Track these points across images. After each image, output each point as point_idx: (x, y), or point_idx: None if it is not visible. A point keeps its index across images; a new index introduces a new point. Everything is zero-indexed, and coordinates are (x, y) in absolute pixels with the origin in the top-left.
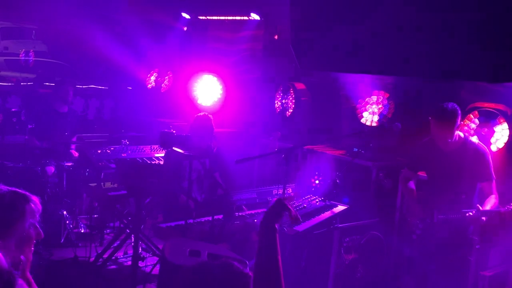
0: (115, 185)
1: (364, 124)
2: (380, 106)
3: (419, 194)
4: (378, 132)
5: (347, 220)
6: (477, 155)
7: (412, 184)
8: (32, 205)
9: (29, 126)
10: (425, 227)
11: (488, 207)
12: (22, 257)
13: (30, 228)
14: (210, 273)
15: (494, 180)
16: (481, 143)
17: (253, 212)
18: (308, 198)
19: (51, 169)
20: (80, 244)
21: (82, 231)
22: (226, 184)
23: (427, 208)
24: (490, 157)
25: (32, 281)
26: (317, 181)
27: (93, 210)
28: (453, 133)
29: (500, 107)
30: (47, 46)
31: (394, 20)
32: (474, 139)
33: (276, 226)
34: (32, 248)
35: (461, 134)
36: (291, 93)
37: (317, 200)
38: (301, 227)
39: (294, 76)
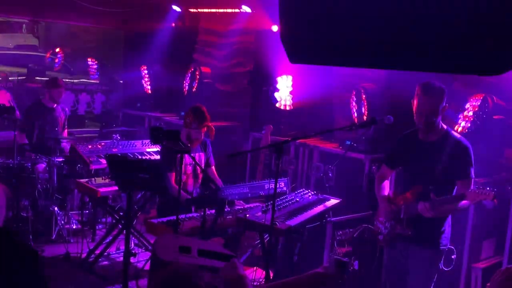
0: (107, 181)
1: (356, 117)
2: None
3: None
4: (370, 125)
5: (340, 214)
6: (457, 149)
7: (386, 184)
8: None
9: (18, 122)
10: (392, 226)
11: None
12: None
13: None
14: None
15: (472, 180)
16: (464, 138)
17: (245, 206)
18: (301, 192)
19: (42, 165)
20: (71, 240)
21: (74, 227)
22: (219, 178)
23: (396, 205)
24: (472, 154)
25: None
26: (310, 175)
27: (84, 206)
28: (437, 113)
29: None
30: (38, 40)
31: (385, 13)
32: (457, 133)
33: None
34: None
35: (444, 126)
36: (288, 86)
37: (309, 194)
38: (293, 222)
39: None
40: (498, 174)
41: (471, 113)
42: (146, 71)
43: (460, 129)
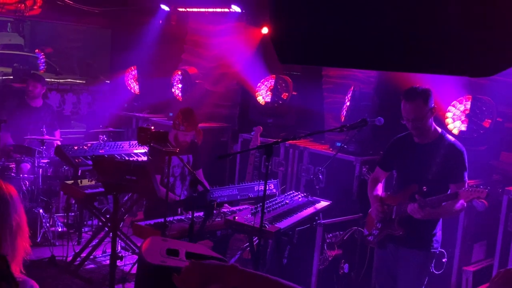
0: (93, 182)
1: (346, 119)
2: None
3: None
4: (361, 127)
5: (330, 216)
6: (452, 152)
7: (379, 187)
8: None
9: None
10: (383, 227)
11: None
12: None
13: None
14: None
15: (465, 184)
16: (459, 142)
17: (234, 209)
18: (291, 194)
19: (27, 166)
20: (57, 243)
21: (59, 229)
22: (207, 181)
23: (388, 206)
24: (466, 158)
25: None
26: (300, 177)
27: (70, 208)
28: (423, 117)
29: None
30: (23, 40)
31: (377, 12)
32: (451, 137)
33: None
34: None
35: (438, 129)
36: (284, 85)
37: (299, 196)
38: (283, 224)
39: (282, 69)
40: (489, 176)
41: (463, 117)
42: (133, 71)
43: (456, 131)
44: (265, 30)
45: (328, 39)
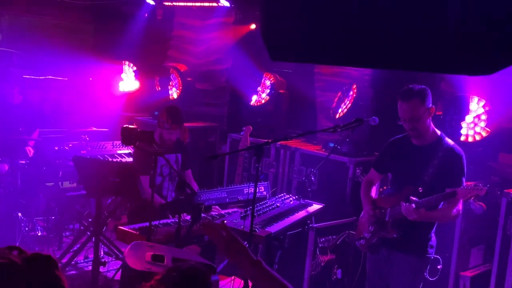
0: (74, 185)
1: (340, 118)
2: (349, 98)
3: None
4: (355, 127)
5: (323, 220)
6: (451, 156)
7: (373, 190)
8: None
9: None
10: (376, 230)
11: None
12: None
13: None
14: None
15: None
16: (458, 146)
17: (223, 212)
18: (282, 196)
19: (4, 167)
20: (36, 248)
21: (39, 234)
22: (196, 182)
23: (381, 209)
24: (464, 163)
25: None
26: (291, 179)
27: (50, 211)
28: (421, 117)
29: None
30: (1, 35)
31: (371, 8)
32: (450, 140)
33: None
34: None
35: (437, 131)
36: (269, 85)
37: (291, 199)
38: (273, 228)
39: (271, 67)
40: (488, 178)
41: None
42: (118, 68)
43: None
44: (253, 26)
45: (320, 35)
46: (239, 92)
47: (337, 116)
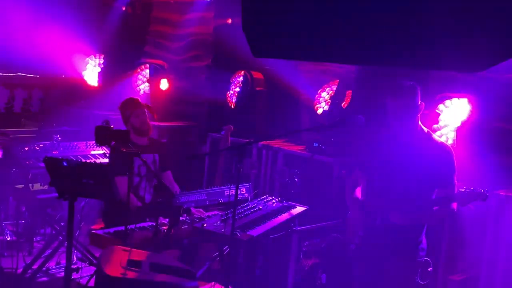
0: (45, 187)
1: (324, 117)
2: (329, 95)
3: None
4: (339, 126)
5: (307, 222)
6: (440, 153)
7: (358, 191)
8: None
9: None
10: (366, 234)
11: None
12: None
13: None
14: None
15: (455, 188)
16: (446, 144)
17: (203, 215)
18: (264, 198)
19: None
20: (5, 254)
21: (8, 238)
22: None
23: (370, 212)
24: (455, 160)
25: None
26: (274, 180)
27: (20, 215)
28: (412, 115)
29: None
30: None
31: (358, 4)
32: (438, 137)
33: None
34: None
35: (425, 128)
36: (247, 82)
37: (273, 201)
38: (255, 232)
39: (251, 64)
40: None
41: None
42: (91, 64)
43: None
44: (229, 21)
45: (304, 31)
46: (219, 91)
47: (321, 114)
